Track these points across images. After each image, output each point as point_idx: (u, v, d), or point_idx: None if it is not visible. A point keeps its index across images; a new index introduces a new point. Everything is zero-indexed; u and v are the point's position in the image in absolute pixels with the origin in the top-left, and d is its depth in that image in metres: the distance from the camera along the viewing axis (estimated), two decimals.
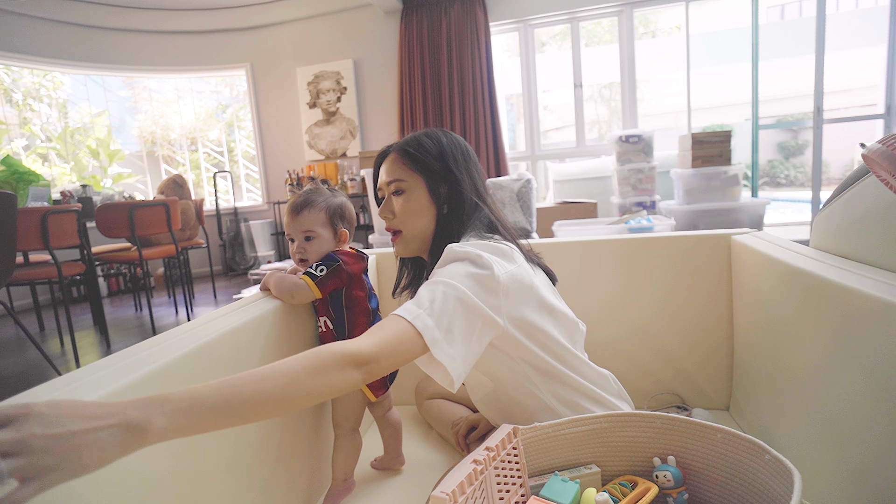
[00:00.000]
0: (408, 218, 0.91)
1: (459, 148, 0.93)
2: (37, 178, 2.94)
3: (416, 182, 0.90)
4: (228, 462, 0.76)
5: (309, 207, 1.01)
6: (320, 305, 1.02)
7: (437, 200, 0.90)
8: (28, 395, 0.54)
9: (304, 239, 1.01)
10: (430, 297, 0.72)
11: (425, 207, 0.90)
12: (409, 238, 0.92)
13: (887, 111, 3.65)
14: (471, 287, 0.74)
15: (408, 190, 0.90)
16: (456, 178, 0.90)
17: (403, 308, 0.71)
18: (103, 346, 2.90)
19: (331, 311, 1.01)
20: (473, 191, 0.91)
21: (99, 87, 6.04)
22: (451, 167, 0.90)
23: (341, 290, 1.00)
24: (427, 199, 0.90)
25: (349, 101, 4.87)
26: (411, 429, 1.35)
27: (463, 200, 0.90)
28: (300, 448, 1.00)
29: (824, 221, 0.98)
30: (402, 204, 0.91)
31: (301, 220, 1.01)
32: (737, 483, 0.66)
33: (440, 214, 0.90)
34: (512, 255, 0.84)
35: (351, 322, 1.01)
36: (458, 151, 0.92)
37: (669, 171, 3.60)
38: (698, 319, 1.29)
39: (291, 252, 1.03)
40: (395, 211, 0.92)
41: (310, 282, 0.96)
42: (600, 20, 4.39)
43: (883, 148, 0.70)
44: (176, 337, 0.74)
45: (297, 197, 1.04)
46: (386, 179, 0.93)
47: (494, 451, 0.68)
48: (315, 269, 0.97)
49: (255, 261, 5.06)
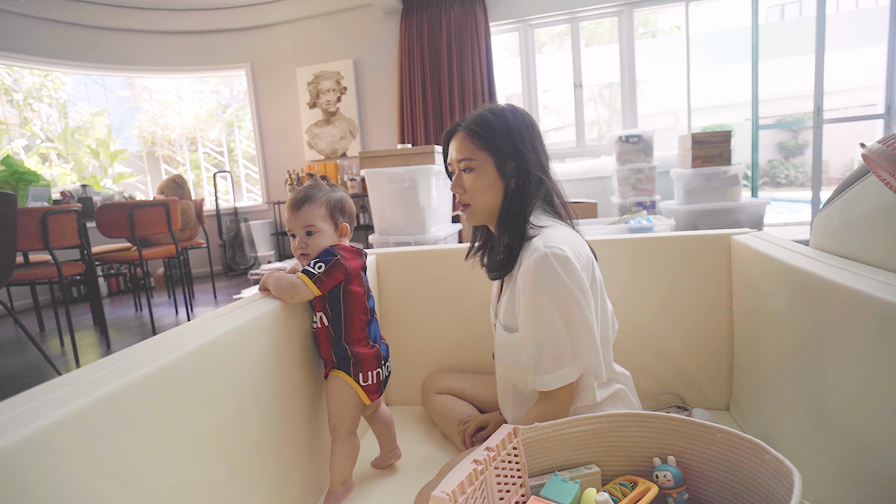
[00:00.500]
0: (477, 193, 0.95)
1: (525, 124, 0.95)
2: (37, 178, 2.94)
3: (484, 160, 0.94)
4: (228, 463, 0.76)
5: (309, 202, 1.01)
6: (317, 301, 1.01)
7: (505, 176, 0.94)
8: (28, 395, 0.54)
9: (305, 234, 1.01)
10: (552, 351, 0.87)
11: (494, 183, 0.94)
12: (477, 210, 0.97)
13: (887, 111, 3.65)
14: (577, 298, 0.86)
15: (477, 168, 0.94)
16: (522, 154, 0.93)
17: (554, 378, 0.87)
18: (103, 346, 2.90)
19: (328, 307, 1.00)
20: (538, 166, 0.95)
21: (99, 87, 6.04)
22: (517, 144, 0.93)
23: (339, 286, 1.00)
24: (495, 176, 0.94)
25: (349, 101, 4.86)
26: (413, 427, 1.35)
27: (529, 176, 0.93)
28: (297, 450, 1.00)
29: (824, 221, 0.98)
30: (471, 180, 0.95)
31: (302, 215, 1.01)
32: (737, 483, 0.66)
33: (507, 188, 0.94)
34: (581, 244, 0.94)
35: (348, 318, 1.00)
36: (523, 128, 0.94)
37: (669, 171, 3.60)
38: (698, 319, 1.29)
39: (293, 248, 1.03)
40: (465, 186, 0.96)
41: (307, 280, 0.95)
42: (600, 20, 4.39)
43: (883, 148, 0.70)
44: (176, 337, 0.74)
45: (297, 193, 1.03)
46: (456, 157, 0.97)
47: (495, 451, 0.68)
48: (313, 267, 0.97)
49: (255, 261, 5.06)
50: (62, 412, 0.50)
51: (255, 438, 0.84)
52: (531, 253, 0.88)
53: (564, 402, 0.90)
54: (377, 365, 1.03)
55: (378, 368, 1.03)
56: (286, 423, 0.95)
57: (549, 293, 0.86)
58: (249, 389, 0.83)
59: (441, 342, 1.46)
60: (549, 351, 0.87)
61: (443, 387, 1.32)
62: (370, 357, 1.02)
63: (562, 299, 0.86)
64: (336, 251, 0.99)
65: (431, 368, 1.45)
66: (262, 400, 0.87)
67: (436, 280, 1.45)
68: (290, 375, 0.98)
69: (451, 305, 1.44)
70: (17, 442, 0.45)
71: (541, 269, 0.86)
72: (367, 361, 1.02)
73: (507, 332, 0.97)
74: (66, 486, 0.49)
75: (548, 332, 0.86)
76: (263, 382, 0.88)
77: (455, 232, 3.09)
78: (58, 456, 0.49)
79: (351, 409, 1.02)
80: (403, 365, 1.48)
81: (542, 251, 0.86)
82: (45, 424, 0.48)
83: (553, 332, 0.86)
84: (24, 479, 0.45)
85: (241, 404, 0.81)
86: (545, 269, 0.86)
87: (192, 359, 0.70)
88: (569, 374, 0.87)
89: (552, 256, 0.86)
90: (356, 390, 1.01)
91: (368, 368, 1.02)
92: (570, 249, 0.88)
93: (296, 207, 1.01)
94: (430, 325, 1.47)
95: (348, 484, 1.03)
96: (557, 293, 0.86)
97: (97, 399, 0.54)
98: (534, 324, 0.88)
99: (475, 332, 1.42)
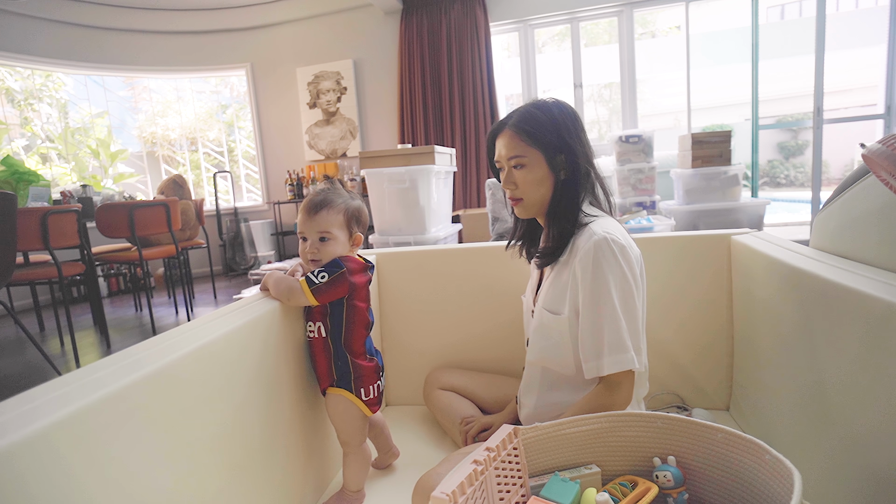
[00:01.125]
0: (529, 188, 0.97)
1: (570, 116, 0.96)
2: (37, 178, 2.94)
3: (535, 156, 0.95)
4: (227, 463, 0.76)
5: (327, 207, 0.97)
6: (317, 311, 0.99)
7: (555, 169, 0.96)
8: (28, 395, 0.54)
9: (318, 239, 0.97)
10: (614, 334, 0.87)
11: (545, 177, 0.96)
12: (530, 204, 0.99)
13: (887, 111, 3.65)
14: (632, 287, 0.89)
15: (528, 164, 0.96)
16: (571, 147, 0.94)
17: (615, 362, 0.87)
18: (103, 346, 2.90)
19: (328, 320, 0.98)
20: (585, 158, 0.96)
21: (99, 88, 6.03)
22: (565, 138, 0.94)
23: (343, 300, 0.97)
24: (546, 170, 0.96)
25: (349, 101, 4.86)
26: (414, 426, 1.35)
27: (578, 168, 0.95)
28: (297, 450, 1.00)
29: (824, 221, 0.98)
30: (523, 176, 0.97)
31: (318, 219, 0.97)
32: (737, 483, 0.66)
33: (557, 181, 0.96)
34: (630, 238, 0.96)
35: (349, 332, 0.98)
36: (569, 121, 0.96)
37: (669, 171, 3.60)
38: (698, 319, 1.29)
39: (302, 251, 0.99)
40: (516, 182, 0.98)
41: (305, 288, 0.93)
42: (600, 20, 4.39)
43: (883, 148, 0.70)
44: (176, 337, 0.74)
45: (315, 195, 0.99)
46: (506, 155, 0.98)
47: (495, 451, 0.68)
48: (316, 276, 0.93)
49: (255, 261, 5.06)
50: (62, 412, 0.50)
51: (254, 439, 0.84)
52: (589, 237, 0.90)
53: (625, 392, 0.89)
54: (377, 378, 1.03)
55: (378, 381, 1.03)
56: (286, 424, 0.95)
57: (612, 276, 0.88)
58: (249, 390, 0.83)
59: (440, 342, 1.46)
60: (611, 333, 0.87)
61: (445, 383, 1.32)
62: (370, 371, 1.01)
63: (620, 285, 0.88)
64: (344, 263, 0.95)
65: (431, 369, 1.45)
66: (262, 400, 0.87)
67: (436, 280, 1.45)
68: (291, 376, 0.98)
69: (450, 306, 1.44)
70: (17, 442, 0.45)
71: (602, 251, 0.88)
72: (368, 375, 1.00)
73: (550, 314, 0.98)
74: (66, 486, 0.49)
75: (609, 314, 0.88)
76: (263, 383, 0.88)
77: (455, 232, 3.09)
78: (57, 456, 0.49)
79: (357, 424, 1.01)
80: (403, 365, 1.48)
81: (602, 235, 0.89)
82: (44, 425, 0.48)
83: (613, 315, 0.87)
84: (23, 479, 0.45)
85: (241, 404, 0.81)
86: (606, 252, 0.88)
87: (193, 359, 0.70)
88: (629, 360, 0.87)
89: (612, 242, 0.88)
90: (359, 406, 1.00)
91: (369, 382, 1.01)
92: (625, 240, 0.91)
93: (313, 211, 0.97)
94: (429, 325, 1.47)
95: (361, 493, 1.04)
96: (617, 278, 0.88)
97: (97, 399, 0.54)
98: (596, 306, 0.88)
99: (475, 332, 1.42)
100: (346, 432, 1.01)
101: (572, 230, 0.95)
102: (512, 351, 1.34)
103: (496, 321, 1.39)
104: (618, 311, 0.87)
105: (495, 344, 1.40)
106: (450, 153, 3.04)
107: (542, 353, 1.01)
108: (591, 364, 0.89)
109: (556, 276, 0.98)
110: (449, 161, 3.01)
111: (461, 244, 1.56)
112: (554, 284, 0.98)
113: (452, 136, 4.43)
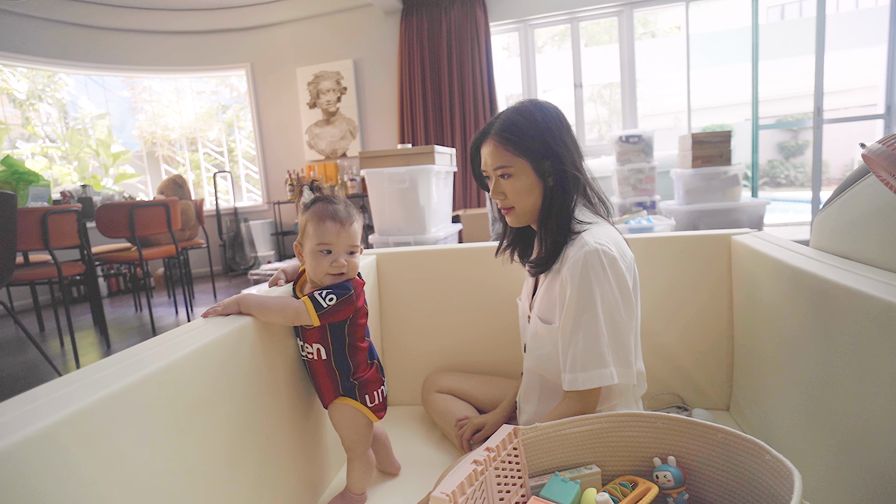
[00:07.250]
0: (518, 197, 0.96)
1: (553, 120, 0.95)
2: (37, 178, 2.94)
3: (521, 165, 0.94)
4: (228, 463, 0.76)
5: (355, 221, 0.93)
6: (311, 332, 0.94)
7: (543, 176, 0.95)
8: (30, 395, 0.54)
9: (349, 253, 0.93)
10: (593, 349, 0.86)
11: (533, 185, 0.95)
12: (522, 212, 0.98)
13: (887, 111, 3.65)
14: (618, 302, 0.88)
15: (515, 173, 0.95)
16: (556, 153, 0.93)
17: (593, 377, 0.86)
18: (103, 346, 2.90)
19: (329, 340, 0.94)
20: (571, 163, 0.95)
21: (99, 88, 6.03)
22: (550, 144, 0.93)
23: (346, 321, 0.95)
24: (534, 178, 0.95)
25: (349, 101, 4.86)
26: (414, 427, 1.35)
27: (565, 172, 0.94)
28: (297, 451, 1.00)
29: (824, 221, 0.98)
30: (511, 185, 0.96)
31: (351, 233, 0.92)
32: (737, 483, 0.66)
33: (546, 188, 0.95)
34: (624, 244, 0.96)
35: (353, 351, 0.96)
36: (553, 124, 0.94)
37: (669, 171, 3.60)
38: (698, 319, 1.29)
39: (318, 265, 0.92)
40: (505, 192, 0.97)
41: (311, 309, 0.87)
42: (600, 20, 4.39)
43: (883, 148, 0.70)
44: (176, 338, 0.74)
45: (339, 206, 0.93)
46: (492, 165, 0.97)
47: (495, 451, 0.68)
48: (324, 298, 0.88)
49: (255, 261, 5.05)
50: (64, 412, 0.50)
51: (255, 438, 0.84)
52: (580, 247, 0.89)
53: (591, 404, 0.89)
54: (381, 383, 1.02)
55: (382, 386, 1.02)
56: (287, 424, 0.95)
57: (598, 289, 0.87)
58: (249, 389, 0.83)
59: (441, 343, 1.46)
60: (590, 347, 0.86)
61: (443, 386, 1.33)
62: (374, 377, 1.01)
63: (607, 298, 0.87)
64: (352, 286, 0.92)
65: (431, 369, 1.45)
66: (263, 399, 0.87)
67: (436, 280, 1.45)
68: (292, 376, 0.98)
69: (450, 306, 1.44)
70: (20, 442, 0.45)
71: (590, 263, 0.87)
72: (373, 382, 1.00)
73: (543, 323, 0.97)
74: (68, 486, 0.49)
75: (591, 328, 0.86)
76: (263, 382, 0.88)
77: (455, 232, 3.09)
78: (59, 456, 0.49)
79: (362, 431, 1.01)
80: (403, 365, 1.48)
81: (593, 246, 0.87)
82: (47, 424, 0.48)
83: (596, 329, 0.86)
84: (25, 479, 0.45)
85: (241, 404, 0.81)
86: (595, 263, 0.87)
87: (193, 359, 0.70)
88: (607, 375, 0.86)
89: (602, 253, 0.87)
90: (365, 413, 0.99)
91: (374, 389, 1.00)
92: (617, 250, 0.90)
93: (346, 224, 0.92)
94: (429, 325, 1.47)
95: (364, 496, 1.04)
96: (605, 291, 0.87)
97: (99, 399, 0.54)
98: (579, 319, 0.87)
99: (475, 332, 1.42)
100: (349, 439, 1.01)
101: (564, 240, 0.93)
102: (510, 354, 1.34)
103: (495, 322, 1.39)
104: (601, 324, 0.86)
105: (494, 346, 1.40)
106: (450, 153, 3.04)
107: (539, 361, 1.01)
108: (568, 376, 0.88)
109: (549, 285, 0.97)
110: (449, 161, 3.01)
111: (461, 244, 1.56)
112: (547, 293, 0.97)
113: (452, 136, 4.42)
